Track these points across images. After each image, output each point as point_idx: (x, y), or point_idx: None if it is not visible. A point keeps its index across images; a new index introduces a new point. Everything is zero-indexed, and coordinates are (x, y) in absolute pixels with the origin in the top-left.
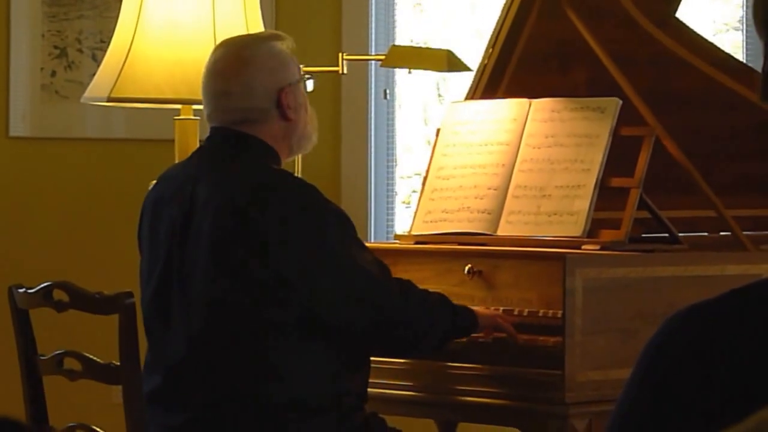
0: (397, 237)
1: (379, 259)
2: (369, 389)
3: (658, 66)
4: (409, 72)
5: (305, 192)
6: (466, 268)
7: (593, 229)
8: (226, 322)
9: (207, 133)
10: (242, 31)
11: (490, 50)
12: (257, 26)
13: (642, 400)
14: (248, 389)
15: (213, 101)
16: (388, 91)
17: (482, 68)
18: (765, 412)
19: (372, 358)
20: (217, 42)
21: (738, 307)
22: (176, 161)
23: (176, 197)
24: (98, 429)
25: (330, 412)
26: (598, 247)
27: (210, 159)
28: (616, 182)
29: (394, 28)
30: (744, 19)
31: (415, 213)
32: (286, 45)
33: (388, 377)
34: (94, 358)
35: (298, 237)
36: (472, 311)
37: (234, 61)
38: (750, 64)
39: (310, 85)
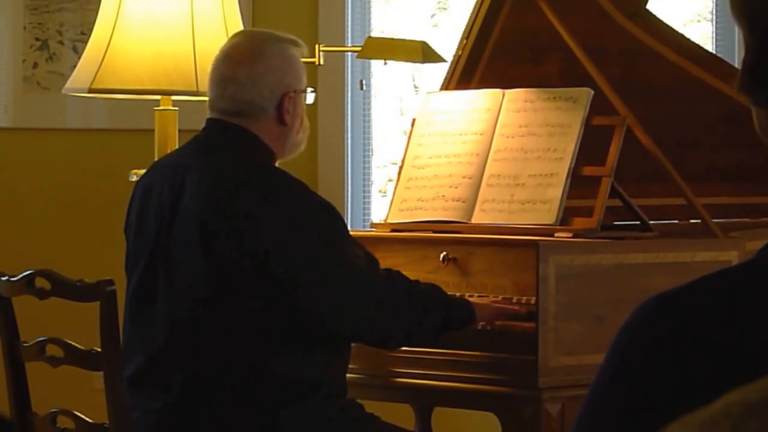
0: (374, 225)
1: (369, 252)
2: (346, 375)
3: (629, 57)
4: (385, 63)
5: (293, 186)
6: (441, 255)
7: (566, 216)
8: (209, 309)
9: (187, 124)
10: (220, 24)
11: (464, 41)
12: (235, 17)
13: (615, 386)
14: (229, 375)
15: (218, 86)
16: (364, 82)
17: (456, 59)
18: (732, 395)
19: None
20: (196, 33)
21: (708, 294)
22: (156, 151)
23: (166, 184)
24: (80, 414)
25: (310, 399)
26: (570, 234)
27: (203, 149)
28: (588, 171)
29: (370, 19)
30: (714, 10)
31: (391, 202)
32: (300, 52)
33: (364, 363)
34: (76, 345)
35: (282, 229)
36: (469, 304)
37: (247, 51)
38: (720, 55)
39: (310, 98)
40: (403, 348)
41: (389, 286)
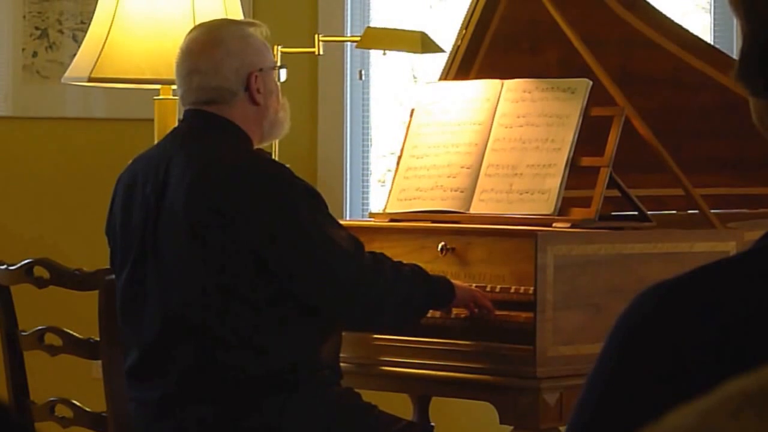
0: (372, 215)
1: (353, 235)
2: (344, 364)
3: (628, 47)
4: (384, 53)
5: (275, 170)
6: (440, 245)
7: (564, 207)
8: (200, 299)
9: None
10: (221, 11)
11: (463, 32)
12: (235, 5)
13: (613, 375)
14: (223, 364)
15: (185, 80)
16: (363, 72)
17: (455, 50)
18: (729, 385)
19: (346, 333)
20: (197, 22)
21: (707, 284)
22: (155, 140)
23: (149, 178)
24: (78, 403)
25: (305, 386)
26: (568, 224)
27: (182, 140)
28: (587, 161)
29: (369, 10)
30: (712, 1)
31: (390, 191)
32: (259, 31)
33: (362, 352)
34: (75, 334)
35: (268, 214)
36: (450, 283)
37: (204, 41)
38: (718, 46)
39: (283, 74)
40: (400, 337)
41: (375, 267)
